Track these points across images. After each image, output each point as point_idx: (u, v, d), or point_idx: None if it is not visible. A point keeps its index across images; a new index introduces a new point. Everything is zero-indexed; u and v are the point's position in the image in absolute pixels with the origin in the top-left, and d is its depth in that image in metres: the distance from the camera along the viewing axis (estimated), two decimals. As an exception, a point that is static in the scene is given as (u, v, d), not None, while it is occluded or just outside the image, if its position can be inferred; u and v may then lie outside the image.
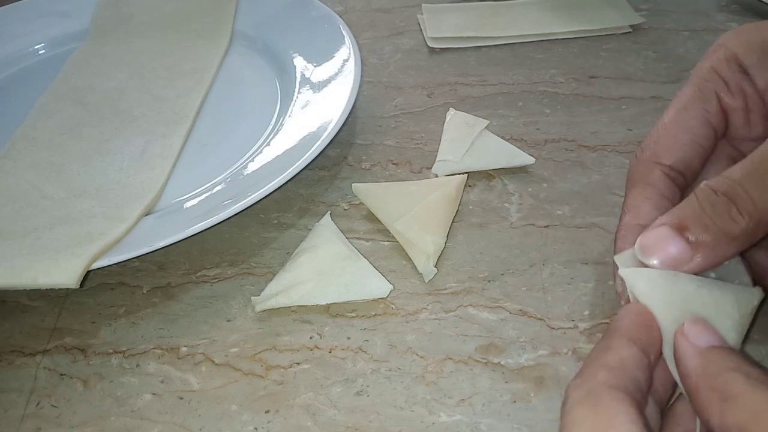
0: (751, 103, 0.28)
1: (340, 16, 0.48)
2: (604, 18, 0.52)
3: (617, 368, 0.22)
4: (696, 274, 0.24)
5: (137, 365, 0.32)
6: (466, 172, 0.39)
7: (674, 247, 0.24)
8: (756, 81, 0.28)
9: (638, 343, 0.23)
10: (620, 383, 0.21)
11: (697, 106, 0.28)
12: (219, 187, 0.38)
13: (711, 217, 0.23)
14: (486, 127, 0.41)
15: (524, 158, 0.39)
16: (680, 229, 0.24)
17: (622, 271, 0.25)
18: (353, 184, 0.38)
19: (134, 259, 0.34)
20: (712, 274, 0.26)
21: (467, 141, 0.40)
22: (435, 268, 0.34)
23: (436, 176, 0.40)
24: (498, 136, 0.41)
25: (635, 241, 0.25)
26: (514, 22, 0.53)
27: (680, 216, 0.24)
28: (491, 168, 0.40)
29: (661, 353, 0.24)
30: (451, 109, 0.43)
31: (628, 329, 0.23)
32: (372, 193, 0.37)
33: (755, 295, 0.25)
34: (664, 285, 0.24)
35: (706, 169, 0.30)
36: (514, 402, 0.29)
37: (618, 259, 0.26)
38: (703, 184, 0.24)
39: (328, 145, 0.37)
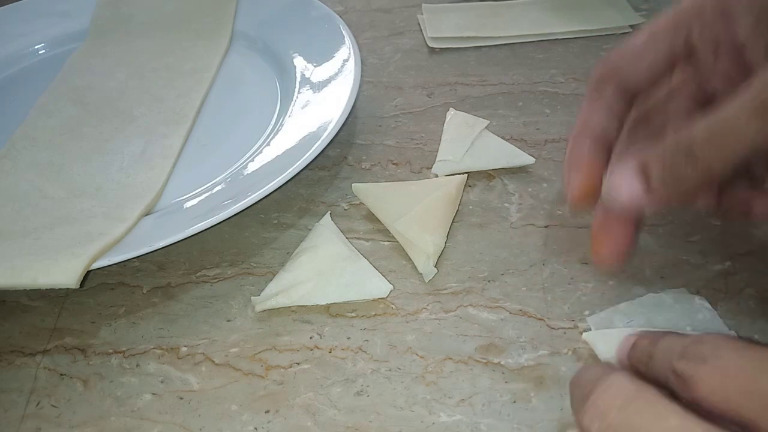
0: (722, 49, 0.28)
1: (340, 16, 0.48)
2: (604, 18, 0.52)
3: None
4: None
5: (137, 365, 0.32)
6: (466, 172, 0.39)
7: (633, 191, 0.26)
8: (737, 30, 0.28)
9: None
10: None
11: (666, 38, 0.29)
12: (219, 187, 0.38)
13: (670, 170, 0.25)
14: (486, 127, 0.41)
15: (524, 158, 0.39)
16: (644, 173, 0.25)
17: (585, 335, 0.30)
18: (353, 184, 0.38)
19: (134, 259, 0.34)
20: (688, 328, 0.29)
21: (467, 141, 0.40)
22: (435, 268, 0.34)
23: (436, 176, 0.40)
24: (498, 136, 0.41)
25: (585, 149, 0.28)
26: (514, 22, 0.53)
27: (646, 160, 0.26)
28: (491, 168, 0.40)
29: None
30: (451, 109, 0.43)
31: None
32: (372, 193, 0.37)
33: None
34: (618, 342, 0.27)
35: (669, 104, 0.30)
36: (514, 402, 0.29)
37: (590, 319, 0.31)
38: (669, 134, 0.25)
39: (328, 145, 0.37)
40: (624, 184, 0.26)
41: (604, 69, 0.30)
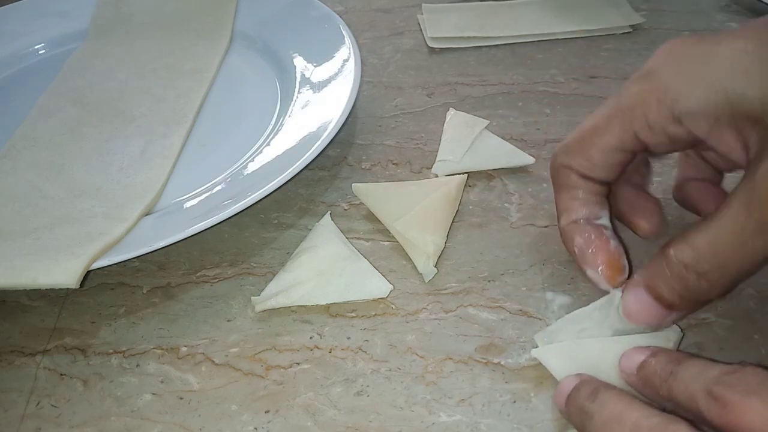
0: (678, 140, 0.27)
1: (340, 16, 0.48)
2: (604, 18, 0.52)
3: None
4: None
5: (137, 365, 0.32)
6: (466, 172, 0.39)
7: (655, 313, 0.27)
8: (694, 130, 0.26)
9: None
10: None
11: (614, 134, 0.28)
12: (219, 187, 0.38)
13: (684, 289, 0.26)
14: (486, 127, 0.41)
15: (524, 158, 0.39)
16: (657, 297, 0.26)
17: (535, 352, 0.29)
18: (353, 184, 0.38)
19: (134, 259, 0.34)
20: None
21: (467, 141, 0.40)
22: (435, 268, 0.34)
23: (436, 176, 0.40)
24: (498, 136, 0.41)
25: (575, 238, 0.30)
26: (514, 22, 0.53)
27: (655, 284, 0.26)
28: (491, 168, 0.40)
29: None
30: (451, 109, 0.43)
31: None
32: (372, 193, 0.37)
33: (671, 336, 0.28)
34: (572, 355, 0.28)
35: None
36: (514, 402, 0.29)
37: (537, 337, 0.30)
38: (672, 254, 0.26)
39: (328, 145, 0.37)
40: (642, 309, 0.27)
41: (559, 159, 0.30)
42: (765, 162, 0.24)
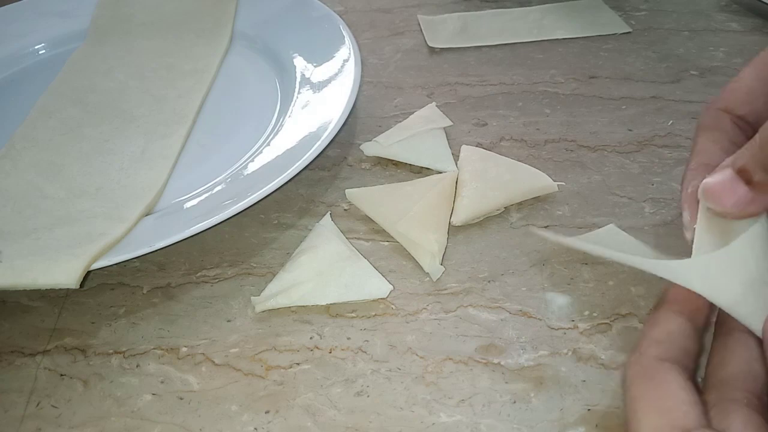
0: None
1: (340, 16, 0.48)
2: (603, 22, 0.52)
3: (665, 341, 0.23)
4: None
5: (137, 365, 0.32)
6: (391, 159, 0.40)
7: (736, 191, 0.24)
8: None
9: (684, 313, 0.24)
10: (669, 355, 0.23)
11: (754, 68, 0.28)
12: (219, 188, 0.38)
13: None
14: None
15: (448, 166, 0.39)
16: (742, 173, 0.23)
17: (674, 278, 0.24)
18: (347, 190, 0.38)
19: (134, 260, 0.34)
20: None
21: (408, 132, 0.40)
22: (442, 267, 0.34)
23: (363, 152, 0.41)
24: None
25: (700, 181, 0.25)
26: (513, 31, 0.52)
27: (742, 159, 0.24)
28: (412, 163, 0.40)
29: (707, 319, 0.25)
30: (433, 104, 0.44)
31: (674, 300, 0.24)
32: (366, 198, 0.37)
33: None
34: (719, 269, 0.24)
35: None
36: (514, 402, 0.29)
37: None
38: (765, 125, 0.23)
39: (328, 145, 0.37)
40: (725, 192, 0.24)
41: (717, 103, 0.28)
42: None
